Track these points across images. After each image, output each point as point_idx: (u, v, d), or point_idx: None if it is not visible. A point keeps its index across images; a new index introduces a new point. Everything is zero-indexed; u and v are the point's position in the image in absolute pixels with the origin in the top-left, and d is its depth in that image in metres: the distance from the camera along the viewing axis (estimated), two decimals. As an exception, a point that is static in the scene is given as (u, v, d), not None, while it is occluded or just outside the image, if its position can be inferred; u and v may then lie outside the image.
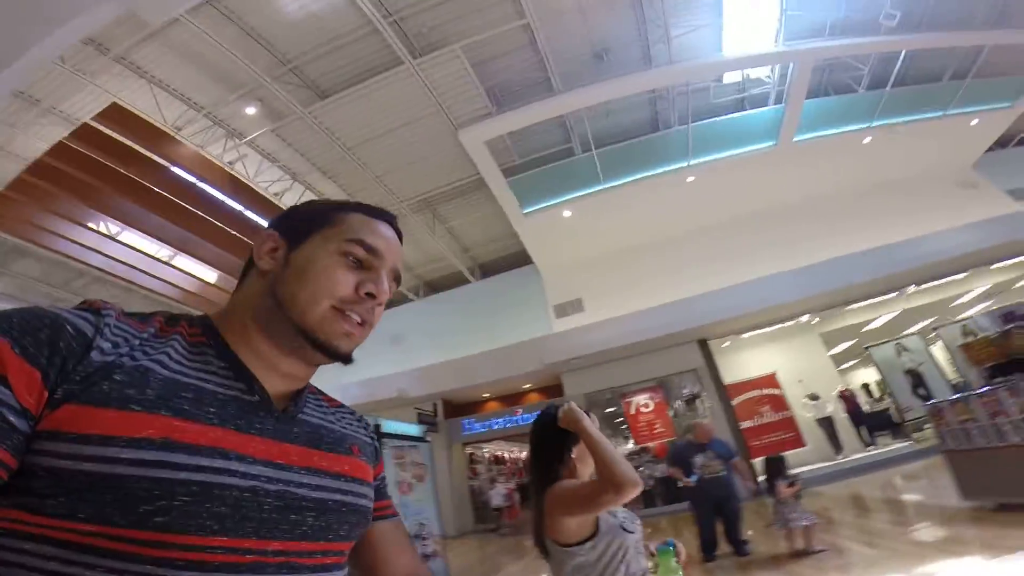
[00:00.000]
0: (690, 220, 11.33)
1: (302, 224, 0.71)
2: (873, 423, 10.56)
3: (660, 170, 10.34)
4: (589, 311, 11.56)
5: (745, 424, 9.88)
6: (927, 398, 9.64)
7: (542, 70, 9.32)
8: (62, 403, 0.50)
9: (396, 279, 0.74)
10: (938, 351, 10.26)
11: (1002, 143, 12.90)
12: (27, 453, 0.49)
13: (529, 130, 9.81)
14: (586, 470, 1.52)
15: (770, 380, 10.18)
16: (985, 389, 4.58)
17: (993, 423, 4.39)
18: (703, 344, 10.50)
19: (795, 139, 10.19)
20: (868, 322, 11.83)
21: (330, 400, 0.80)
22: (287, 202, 10.37)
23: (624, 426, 10.86)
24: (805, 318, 10.72)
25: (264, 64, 8.28)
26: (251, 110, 8.90)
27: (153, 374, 0.55)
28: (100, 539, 0.48)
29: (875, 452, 9.58)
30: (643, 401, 10.60)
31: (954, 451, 4.89)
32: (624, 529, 1.43)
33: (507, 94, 9.39)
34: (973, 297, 12.01)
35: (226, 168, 9.20)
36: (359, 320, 0.67)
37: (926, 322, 12.21)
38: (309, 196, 10.59)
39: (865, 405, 11.17)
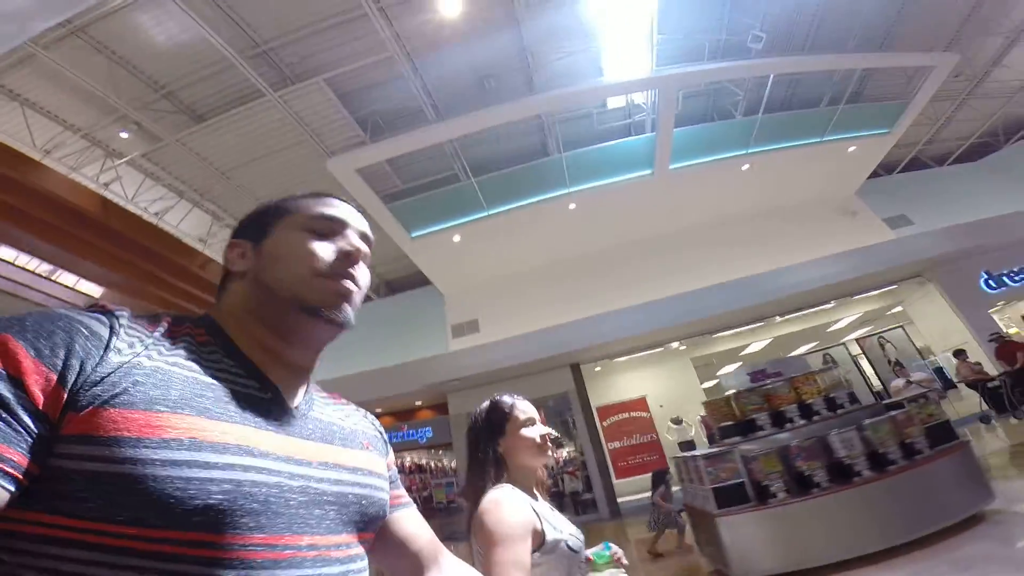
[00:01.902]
0: (574, 247, 11.62)
1: (260, 222, 0.74)
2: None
3: (542, 197, 10.60)
4: (484, 332, 11.81)
5: (613, 445, 10.21)
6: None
7: (427, 96, 9.60)
8: (87, 406, 0.50)
9: (366, 241, 0.78)
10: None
11: (888, 169, 13.40)
12: (56, 457, 0.49)
13: (414, 156, 10.04)
14: (518, 458, 1.43)
15: (640, 403, 10.53)
16: (707, 451, 4.57)
17: (702, 486, 4.29)
18: (575, 368, 10.77)
19: (671, 167, 10.45)
20: (745, 346, 12.21)
21: (334, 396, 0.83)
22: (171, 220, 10.50)
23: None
24: (675, 345, 11.06)
25: (137, 90, 8.44)
26: (124, 134, 9.02)
27: (173, 374, 0.56)
28: (140, 541, 0.48)
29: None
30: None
31: (690, 505, 5.00)
32: (569, 548, 1.31)
33: (389, 121, 9.61)
34: (848, 324, 12.46)
35: (97, 190, 9.27)
36: (345, 279, 0.70)
37: (810, 345, 12.66)
38: (197, 213, 10.75)
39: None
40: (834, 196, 12.28)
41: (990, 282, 10.58)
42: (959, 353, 9.37)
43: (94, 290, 10.82)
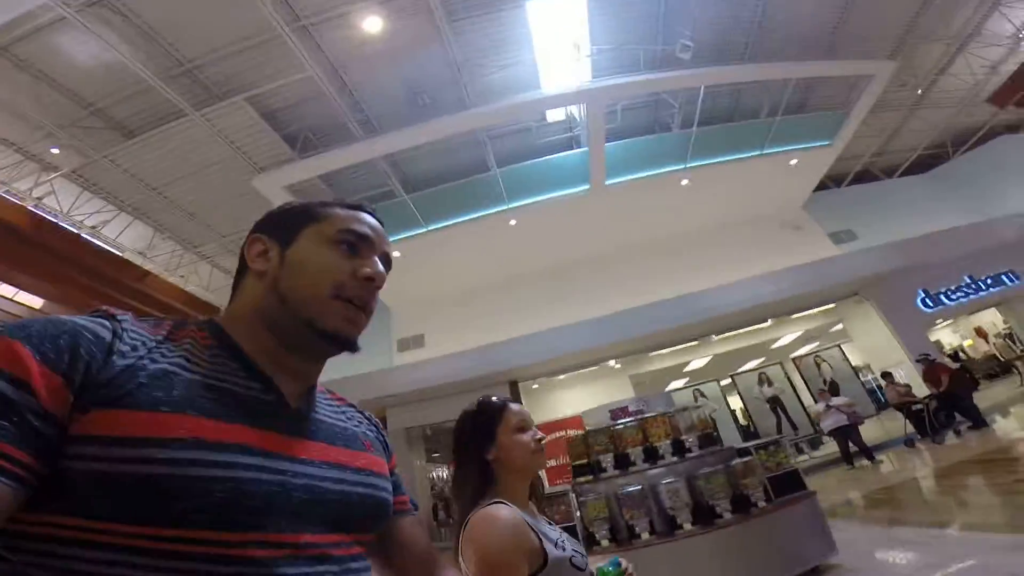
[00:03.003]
0: (516, 263, 11.59)
1: (289, 223, 0.74)
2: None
3: (481, 213, 10.60)
4: (430, 347, 11.83)
5: (550, 463, 10.22)
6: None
7: (359, 112, 9.62)
8: (91, 407, 0.51)
9: (387, 264, 0.78)
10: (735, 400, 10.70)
11: (837, 181, 13.36)
12: (63, 458, 0.50)
13: (349, 171, 10.05)
14: (511, 468, 1.29)
15: (576, 422, 10.53)
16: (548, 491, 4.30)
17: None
18: (513, 385, 10.79)
19: (607, 182, 10.40)
20: (686, 363, 12.22)
21: (338, 397, 0.83)
22: (110, 233, 10.52)
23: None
24: (612, 362, 11.08)
25: (64, 108, 8.45)
26: (55, 150, 9.05)
27: (176, 376, 0.57)
28: (144, 540, 0.50)
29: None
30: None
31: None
32: (574, 566, 1.20)
33: (322, 137, 9.62)
34: (792, 341, 12.46)
35: (29, 204, 9.29)
36: (359, 305, 0.70)
37: (757, 361, 12.67)
38: (139, 225, 10.76)
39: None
40: (779, 210, 12.22)
41: (927, 300, 10.57)
42: (886, 375, 9.36)
43: (35, 302, 10.88)
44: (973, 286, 10.76)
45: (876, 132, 12.21)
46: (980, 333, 13.92)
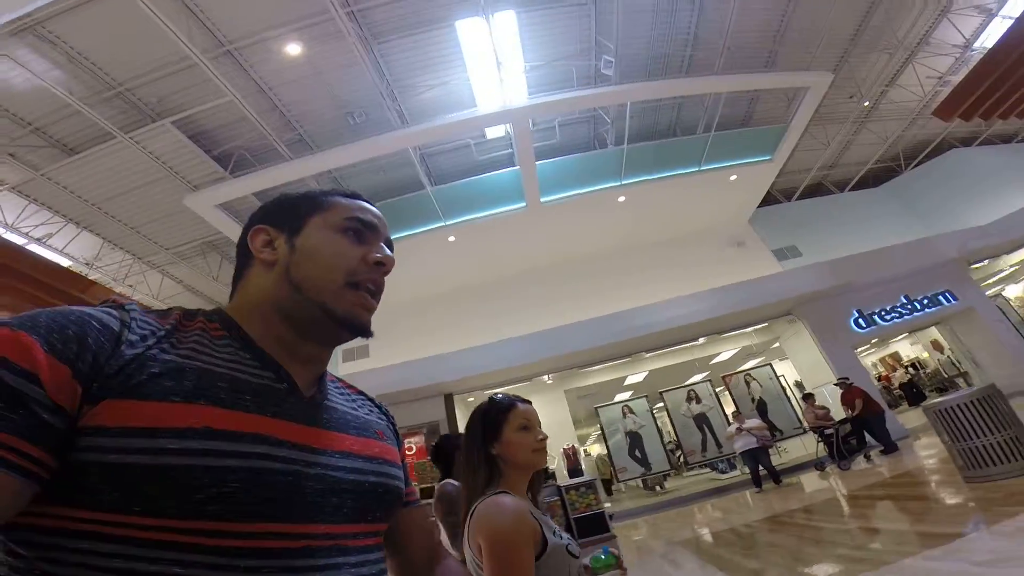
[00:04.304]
0: (455, 278, 11.78)
1: (294, 212, 0.74)
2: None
3: (418, 230, 10.77)
4: (375, 357, 12.09)
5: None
6: (643, 461, 10.28)
7: (291, 131, 9.82)
8: (102, 398, 0.50)
9: (390, 249, 0.79)
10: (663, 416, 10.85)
11: (788, 195, 13.33)
12: (74, 450, 0.49)
13: (285, 190, 10.23)
14: (514, 462, 1.36)
15: (511, 433, 10.72)
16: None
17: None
18: (448, 398, 10.99)
19: (543, 200, 10.53)
20: (623, 379, 12.35)
21: (348, 386, 0.84)
22: (58, 244, 10.81)
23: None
24: (546, 377, 11.25)
25: (4, 126, 8.67)
26: (-3, 165, 9.32)
27: (186, 366, 0.57)
28: (158, 532, 0.49)
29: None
30: (408, 444, 11.18)
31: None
32: (569, 553, 1.27)
33: (258, 155, 9.82)
34: (732, 356, 12.53)
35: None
36: (372, 289, 0.72)
37: (702, 375, 12.78)
38: (84, 238, 11.03)
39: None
40: (723, 226, 12.25)
41: (860, 321, 10.61)
42: (807, 396, 9.45)
43: (-15, 310, 11.23)
44: (909, 306, 10.77)
45: (824, 145, 12.14)
46: (936, 346, 13.96)
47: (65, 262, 11.02)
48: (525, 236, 11.15)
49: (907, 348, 15.33)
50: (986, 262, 11.53)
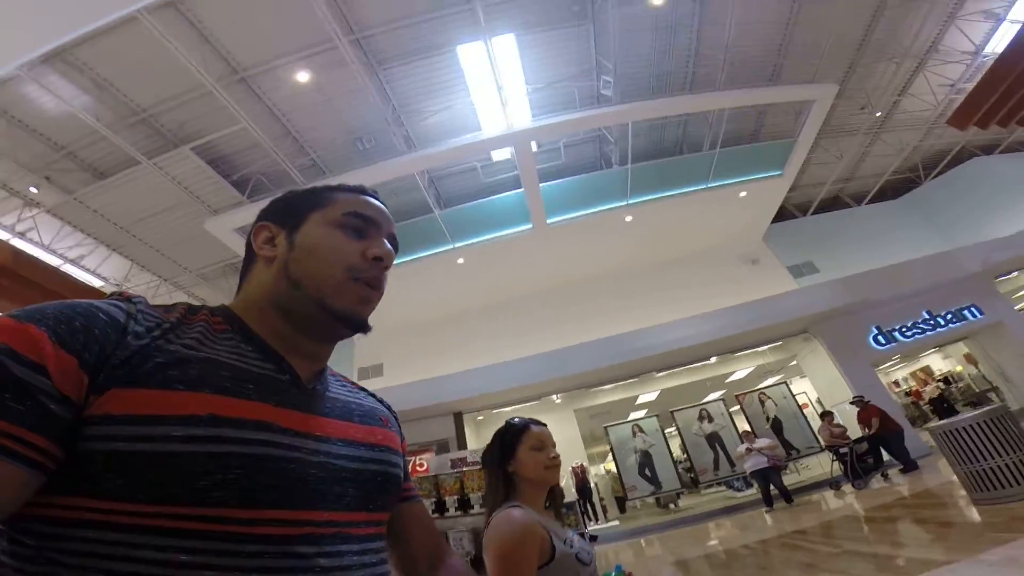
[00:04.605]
0: (465, 299, 11.88)
1: (295, 208, 0.74)
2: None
3: (427, 253, 10.95)
4: (388, 376, 12.26)
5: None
6: (653, 479, 10.10)
7: (303, 156, 10.20)
8: (107, 388, 0.51)
9: (394, 244, 0.78)
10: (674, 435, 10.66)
11: (803, 209, 13.05)
12: (81, 440, 0.50)
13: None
14: (527, 478, 1.46)
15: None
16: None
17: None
18: (458, 416, 10.99)
19: (549, 221, 10.60)
20: (635, 398, 12.17)
21: (350, 382, 0.84)
22: (90, 264, 11.38)
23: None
24: (555, 397, 11.19)
25: (38, 150, 9.22)
26: (34, 189, 9.91)
27: (190, 356, 0.58)
28: (163, 519, 0.49)
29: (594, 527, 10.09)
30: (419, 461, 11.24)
31: None
32: (579, 560, 1.35)
33: (275, 180, 10.20)
34: (748, 375, 12.23)
35: (11, 238, 10.14)
36: (371, 285, 0.71)
37: (719, 393, 12.51)
38: (114, 259, 11.60)
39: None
40: (735, 244, 12.06)
41: (879, 338, 10.26)
42: (824, 415, 9.17)
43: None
44: (932, 322, 10.38)
45: (837, 158, 11.91)
46: (970, 360, 13.38)
47: (97, 283, 11.60)
48: (533, 257, 11.22)
49: (939, 362, 14.71)
50: (1015, 274, 11.04)
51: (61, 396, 0.49)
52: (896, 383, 15.28)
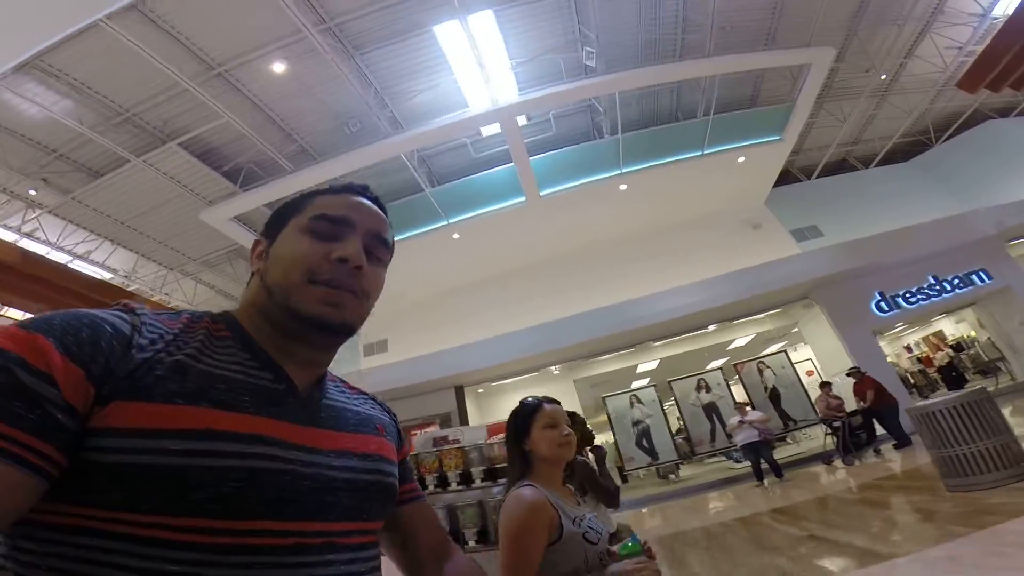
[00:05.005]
0: (461, 274, 11.93)
1: (278, 221, 0.75)
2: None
3: (423, 229, 10.98)
4: (392, 351, 12.53)
5: (499, 465, 10.76)
6: (650, 451, 10.26)
7: (292, 144, 10.19)
8: (111, 400, 0.52)
9: (382, 243, 0.77)
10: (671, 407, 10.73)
11: (808, 173, 12.64)
12: (83, 450, 0.51)
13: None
14: (541, 456, 1.49)
15: (521, 425, 10.89)
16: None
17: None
18: (459, 390, 11.21)
19: (542, 193, 10.48)
20: (635, 367, 12.19)
21: (351, 387, 0.83)
22: (98, 258, 11.71)
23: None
24: (553, 368, 11.30)
25: (31, 154, 9.40)
26: (32, 192, 10.16)
27: (189, 368, 0.58)
28: (159, 530, 0.50)
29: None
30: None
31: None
32: (586, 540, 1.36)
33: (266, 167, 10.25)
34: (749, 342, 12.13)
35: (17, 238, 10.49)
36: (337, 286, 0.68)
37: (722, 361, 12.50)
38: (121, 252, 11.91)
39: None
40: (736, 209, 11.79)
41: (882, 304, 10.04)
42: (824, 385, 9.11)
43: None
44: (938, 287, 10.10)
45: (841, 121, 11.39)
46: (983, 324, 13.06)
47: (107, 275, 11.97)
48: (528, 229, 11.16)
49: (951, 327, 14.37)
50: (1029, 238, 10.59)
51: (69, 406, 0.50)
52: (908, 348, 15.01)
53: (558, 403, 1.59)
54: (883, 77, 10.47)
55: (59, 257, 10.92)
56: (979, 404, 4.83)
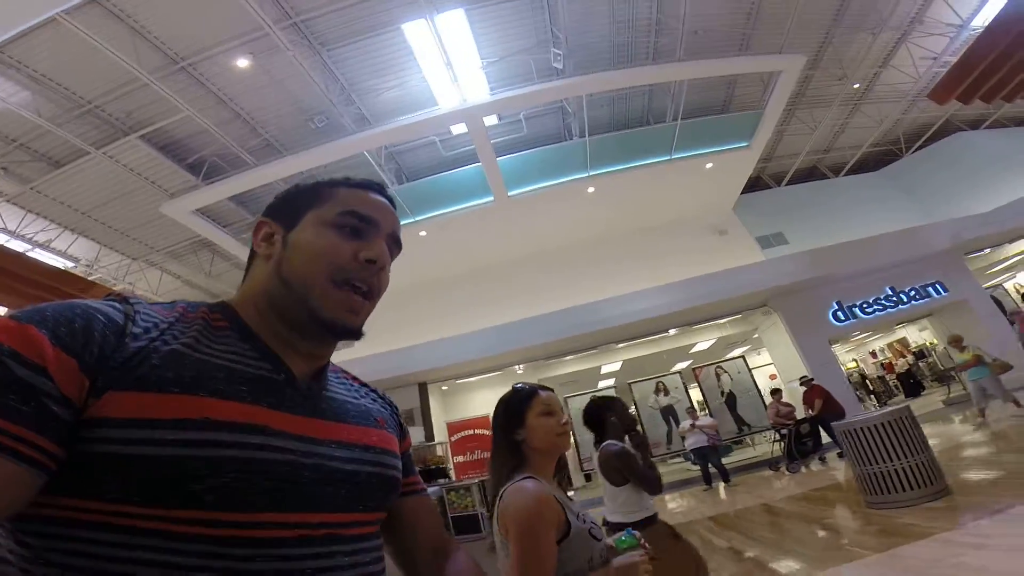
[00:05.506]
0: (427, 272, 11.92)
1: (294, 206, 0.73)
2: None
3: (389, 226, 10.96)
4: (356, 347, 12.46)
5: (459, 459, 10.89)
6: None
7: (256, 137, 10.10)
8: (105, 391, 0.51)
9: (396, 244, 0.77)
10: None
11: (777, 180, 12.77)
12: (79, 442, 0.50)
13: (261, 190, 10.58)
14: (537, 447, 1.39)
15: (484, 421, 11.03)
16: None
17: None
18: (422, 386, 11.27)
19: (510, 193, 10.51)
20: (598, 368, 12.33)
21: (353, 378, 0.83)
22: (60, 247, 11.57)
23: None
24: (517, 368, 11.40)
25: None
26: (-9, 179, 10.01)
27: (186, 357, 0.57)
28: (158, 521, 0.50)
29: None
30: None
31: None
32: (592, 536, 1.31)
33: (231, 160, 10.15)
34: (711, 346, 12.30)
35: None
36: (364, 288, 0.69)
37: (685, 363, 12.66)
38: (83, 241, 11.76)
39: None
40: (704, 214, 11.89)
41: (839, 314, 10.22)
42: (775, 392, 9.30)
43: None
44: (894, 298, 10.30)
45: (812, 129, 11.49)
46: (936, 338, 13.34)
47: (69, 264, 11.83)
48: (495, 229, 11.20)
49: (915, 334, 14.66)
50: (987, 251, 10.81)
51: (63, 398, 0.49)
52: (873, 354, 15.30)
53: (552, 390, 1.49)
54: (856, 86, 10.55)
55: (18, 245, 10.80)
56: (902, 421, 4.93)
